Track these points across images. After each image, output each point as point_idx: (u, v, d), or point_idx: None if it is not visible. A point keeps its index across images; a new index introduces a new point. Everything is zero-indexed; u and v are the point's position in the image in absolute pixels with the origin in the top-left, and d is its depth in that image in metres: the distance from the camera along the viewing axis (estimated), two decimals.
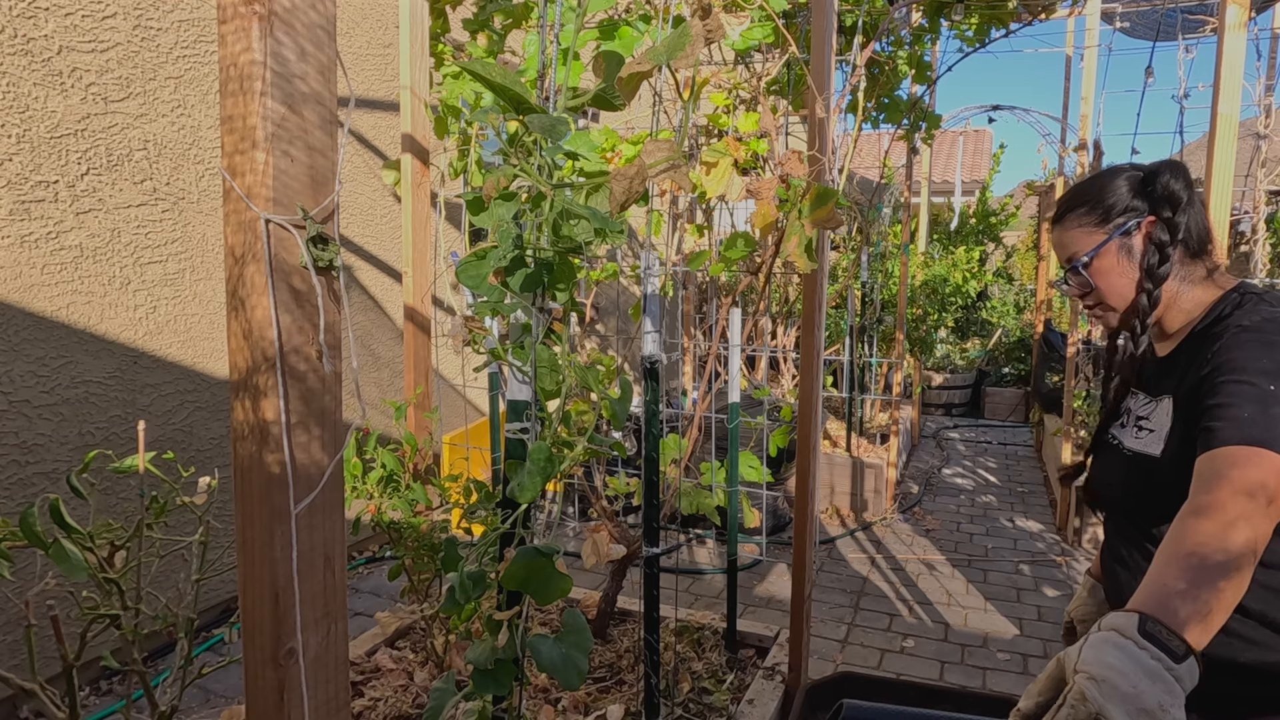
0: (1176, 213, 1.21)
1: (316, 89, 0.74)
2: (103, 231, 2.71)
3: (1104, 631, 0.80)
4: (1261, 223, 5.01)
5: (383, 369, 4.07)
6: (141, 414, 2.85)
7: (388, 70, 4.00)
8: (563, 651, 1.05)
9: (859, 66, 3.26)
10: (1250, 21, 2.40)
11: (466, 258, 1.05)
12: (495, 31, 2.47)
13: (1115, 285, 1.25)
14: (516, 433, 1.16)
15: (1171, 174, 1.22)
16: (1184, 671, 0.76)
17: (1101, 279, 1.26)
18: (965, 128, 7.27)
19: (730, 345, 2.38)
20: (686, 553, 4.18)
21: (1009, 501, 5.12)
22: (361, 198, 3.91)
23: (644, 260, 1.70)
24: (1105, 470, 1.32)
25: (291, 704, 0.75)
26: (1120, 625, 0.79)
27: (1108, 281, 1.25)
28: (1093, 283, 1.26)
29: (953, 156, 12.26)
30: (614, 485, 2.51)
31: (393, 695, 2.13)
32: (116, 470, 1.46)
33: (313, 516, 0.76)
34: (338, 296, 0.78)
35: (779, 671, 2.30)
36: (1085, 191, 1.28)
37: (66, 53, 2.57)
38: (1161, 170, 1.24)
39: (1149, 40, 5.17)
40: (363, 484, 2.12)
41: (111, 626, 1.37)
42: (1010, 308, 8.90)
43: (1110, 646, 0.77)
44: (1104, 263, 1.25)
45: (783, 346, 5.38)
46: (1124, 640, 0.77)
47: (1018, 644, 3.21)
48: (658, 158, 0.97)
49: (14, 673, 1.25)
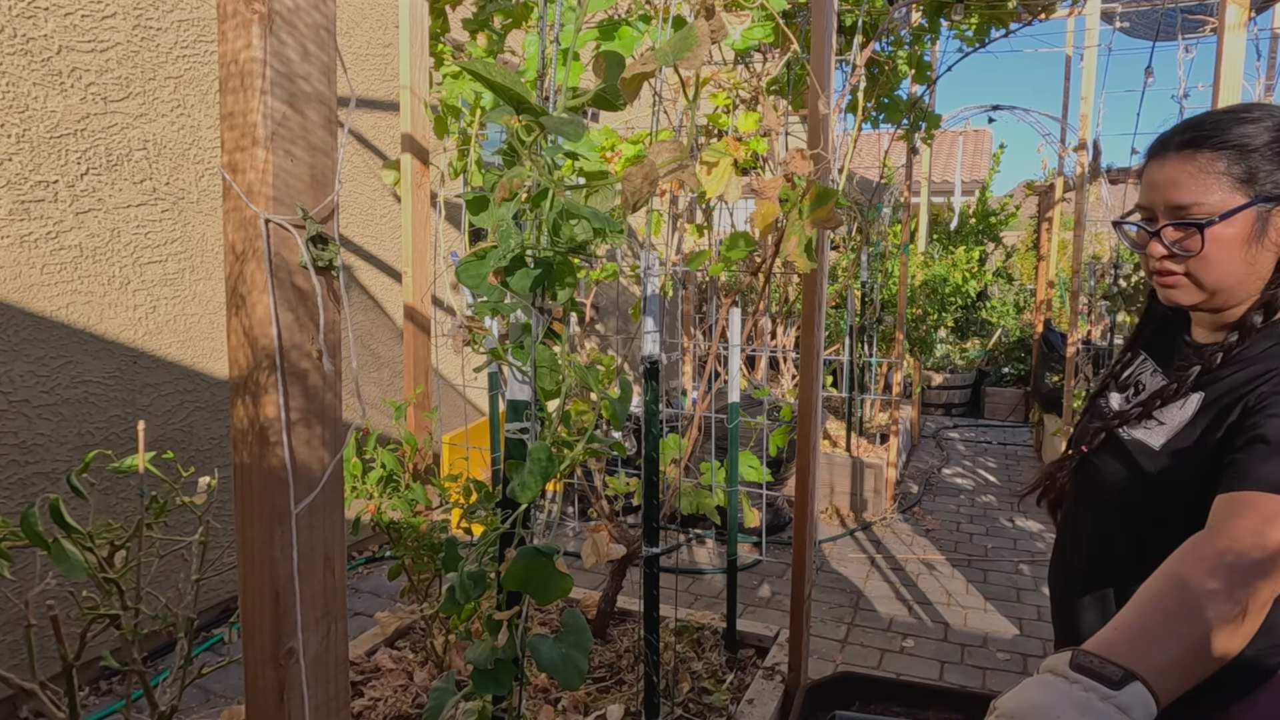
0: None
1: (320, 89, 0.74)
2: (102, 231, 2.71)
3: (1040, 673, 0.71)
4: None
5: (383, 369, 4.07)
6: (141, 414, 2.84)
7: (388, 70, 4.00)
8: (563, 651, 1.05)
9: (859, 66, 3.26)
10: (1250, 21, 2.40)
11: (466, 258, 1.05)
12: (495, 31, 2.47)
13: (1228, 263, 0.99)
14: (516, 433, 1.16)
15: None
16: (1128, 699, 0.65)
17: (1215, 249, 0.99)
18: (965, 128, 7.27)
19: (730, 345, 2.38)
20: (686, 553, 4.18)
21: (1009, 501, 5.12)
22: (361, 198, 3.91)
23: (644, 260, 1.70)
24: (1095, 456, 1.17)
25: (291, 704, 0.75)
26: (1052, 664, 0.71)
27: (1221, 255, 0.99)
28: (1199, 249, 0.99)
29: (953, 156, 12.26)
30: (614, 485, 2.51)
31: (393, 695, 2.13)
32: (116, 470, 1.46)
33: (313, 516, 0.76)
34: (337, 296, 0.78)
35: (779, 671, 2.30)
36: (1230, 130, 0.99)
37: (66, 52, 2.57)
38: None
39: (1149, 40, 5.17)
40: (363, 484, 2.12)
41: (111, 626, 1.37)
42: (1010, 308, 8.90)
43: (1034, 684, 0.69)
44: (1229, 231, 0.98)
45: (783, 346, 5.38)
46: (1053, 678, 0.69)
47: (1018, 644, 3.21)
48: (666, 158, 0.97)
49: (14, 673, 1.25)
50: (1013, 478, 5.70)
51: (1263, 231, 0.98)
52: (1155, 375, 1.14)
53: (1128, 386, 1.18)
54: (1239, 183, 0.97)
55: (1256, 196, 0.97)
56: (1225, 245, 0.98)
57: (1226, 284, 1.00)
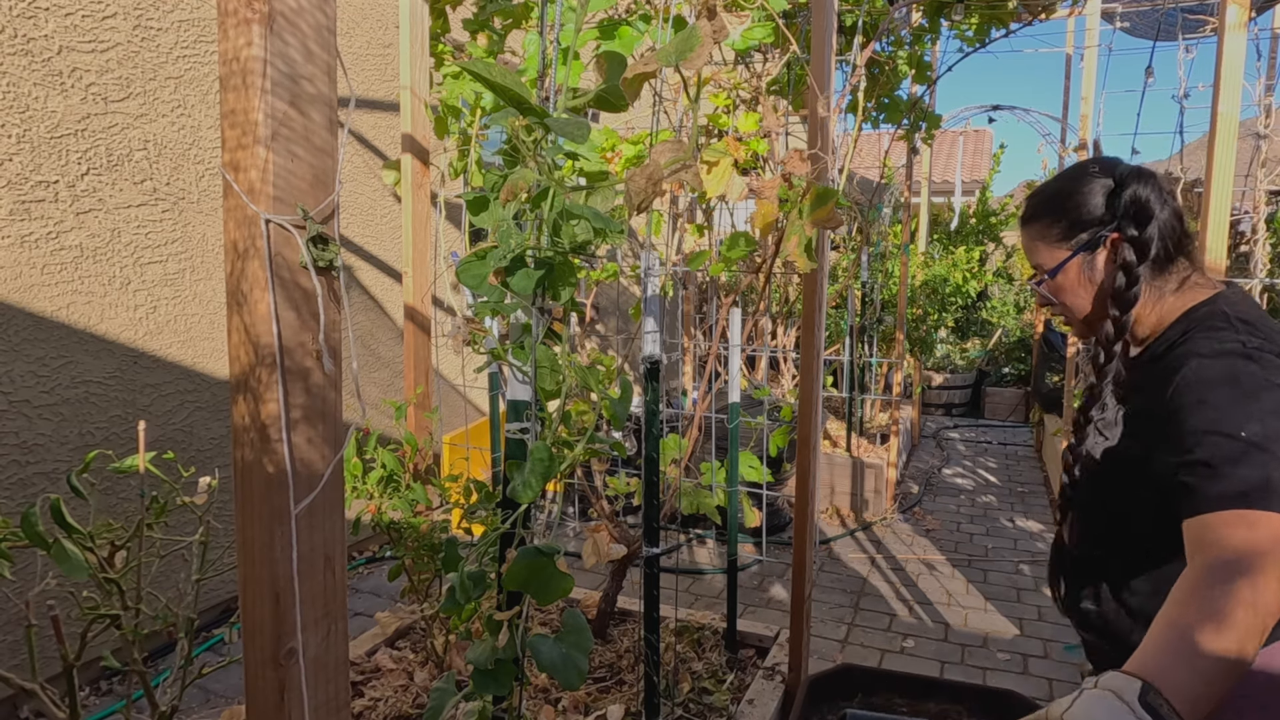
0: (1145, 228, 1.12)
1: (323, 91, 0.74)
2: (103, 231, 2.71)
3: (1101, 690, 0.76)
4: (1261, 223, 5.01)
5: (383, 369, 4.07)
6: (141, 414, 2.84)
7: (388, 70, 4.00)
8: (563, 651, 1.05)
9: (859, 66, 3.26)
10: (1250, 21, 2.40)
11: (466, 258, 1.05)
12: (495, 31, 2.47)
13: (1077, 303, 1.20)
14: (516, 433, 1.16)
15: (1139, 182, 1.14)
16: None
17: (1063, 295, 1.21)
18: (965, 128, 7.27)
19: (730, 345, 2.38)
20: (686, 553, 4.18)
21: (1009, 501, 5.12)
22: (361, 198, 3.91)
23: (644, 260, 1.70)
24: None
25: (291, 704, 0.75)
26: (1119, 688, 0.75)
27: (1070, 298, 1.20)
28: (1054, 298, 1.22)
29: (953, 156, 12.25)
30: (614, 485, 2.51)
31: (393, 695, 2.13)
32: (116, 470, 1.46)
33: (313, 516, 0.76)
34: (338, 296, 0.78)
35: (779, 671, 2.30)
36: (1051, 200, 1.21)
37: (66, 53, 2.57)
38: (1127, 180, 1.14)
39: (1149, 40, 5.17)
40: (363, 484, 2.12)
41: (111, 626, 1.37)
42: (1010, 308, 8.90)
43: (1099, 703, 0.74)
44: (1066, 280, 1.19)
45: (783, 346, 5.37)
46: (1120, 705, 0.74)
47: (1018, 644, 3.20)
48: (669, 159, 0.97)
49: (14, 673, 1.25)
50: (1013, 478, 5.70)
51: (1092, 270, 1.17)
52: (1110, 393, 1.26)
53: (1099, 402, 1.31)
54: (1060, 240, 1.18)
55: (1077, 247, 1.17)
56: (1069, 291, 1.20)
57: (1091, 314, 1.19)
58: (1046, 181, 1.26)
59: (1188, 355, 1.03)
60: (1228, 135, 2.03)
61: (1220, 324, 1.06)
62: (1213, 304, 1.12)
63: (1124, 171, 1.16)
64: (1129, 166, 1.17)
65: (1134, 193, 1.13)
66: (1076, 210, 1.16)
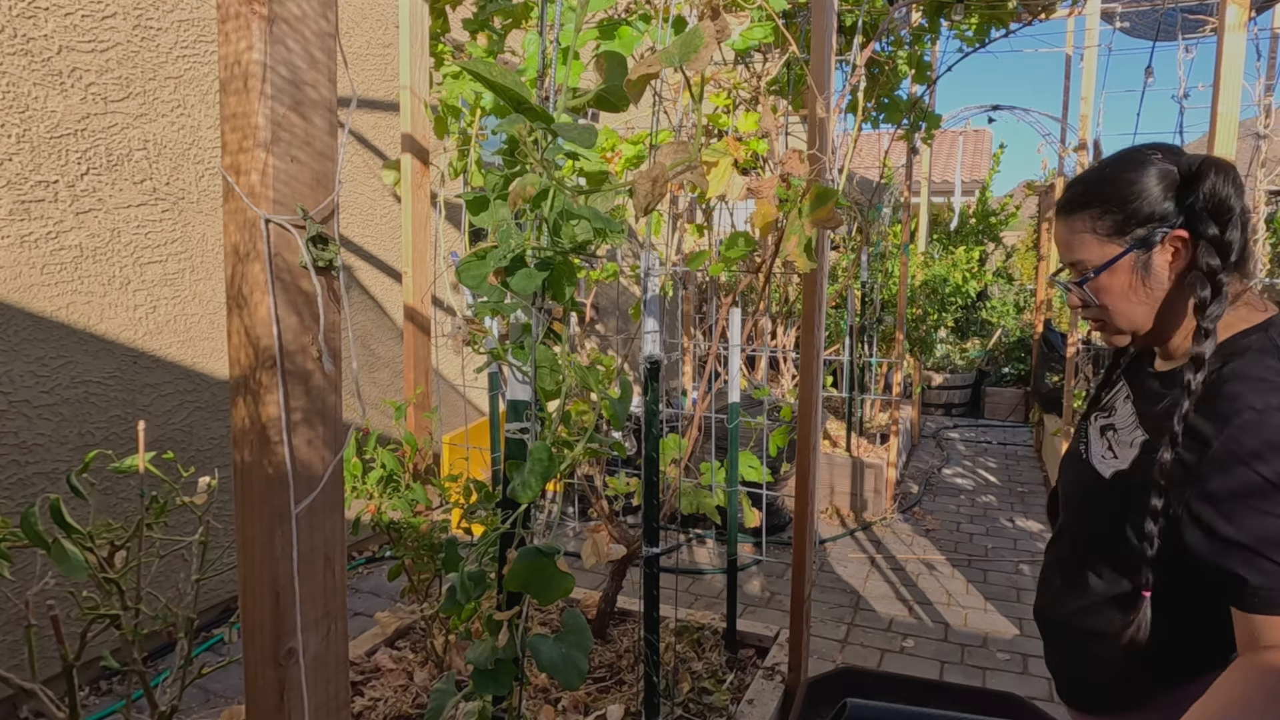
0: (1227, 229, 0.96)
1: (325, 96, 0.74)
2: (102, 231, 2.71)
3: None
4: (1261, 223, 5.01)
5: (383, 369, 4.07)
6: (141, 414, 2.84)
7: (388, 70, 4.00)
8: (563, 651, 1.05)
9: (859, 66, 3.26)
10: (1250, 21, 2.40)
11: (466, 258, 1.05)
12: (495, 31, 2.47)
13: (1124, 307, 1.04)
14: (516, 433, 1.16)
15: (1219, 175, 0.97)
16: None
17: (1109, 298, 1.05)
18: (965, 128, 7.27)
19: (730, 345, 2.38)
20: (686, 553, 4.18)
21: (1009, 501, 5.12)
22: (361, 198, 3.91)
23: (644, 260, 1.70)
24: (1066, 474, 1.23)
25: (291, 704, 0.75)
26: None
27: (1116, 302, 1.04)
28: (1097, 300, 1.06)
29: (953, 156, 12.26)
30: (614, 485, 2.51)
31: (393, 695, 2.13)
32: (116, 470, 1.46)
33: (313, 516, 0.76)
34: (338, 296, 0.78)
35: (779, 671, 2.30)
36: (1103, 187, 1.04)
37: (66, 52, 2.57)
38: (1205, 171, 0.98)
39: (1149, 40, 5.17)
40: (363, 484, 2.12)
41: (111, 626, 1.37)
42: (1010, 308, 8.90)
43: None
44: (1114, 280, 1.03)
45: (783, 346, 5.38)
46: None
47: (1018, 644, 3.21)
48: (675, 159, 0.97)
49: (14, 673, 1.25)
50: (1013, 478, 5.70)
51: (1147, 272, 1.02)
52: (1127, 402, 1.16)
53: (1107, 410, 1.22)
54: (1111, 235, 1.02)
55: (1132, 243, 1.01)
56: (1116, 292, 1.04)
57: (1138, 322, 1.05)
58: (1096, 165, 1.08)
59: (1238, 398, 0.91)
60: (1227, 135, 2.03)
61: (1275, 361, 0.94)
62: (1265, 332, 0.98)
63: (1195, 161, 1.00)
64: (1199, 155, 1.02)
65: (1213, 187, 0.97)
66: (1135, 201, 1.00)
